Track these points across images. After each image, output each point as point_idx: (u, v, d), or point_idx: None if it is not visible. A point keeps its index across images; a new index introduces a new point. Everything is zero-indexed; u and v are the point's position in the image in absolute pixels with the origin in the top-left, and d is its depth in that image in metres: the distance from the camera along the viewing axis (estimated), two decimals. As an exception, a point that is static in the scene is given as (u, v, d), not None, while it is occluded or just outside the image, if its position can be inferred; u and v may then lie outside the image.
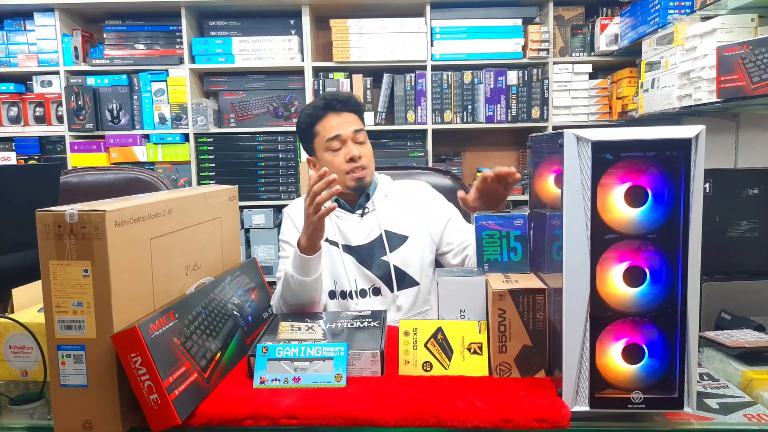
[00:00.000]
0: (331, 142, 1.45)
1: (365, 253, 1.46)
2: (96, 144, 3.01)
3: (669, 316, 0.77)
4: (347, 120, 1.46)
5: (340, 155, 1.44)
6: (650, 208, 0.76)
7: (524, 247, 1.06)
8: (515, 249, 1.06)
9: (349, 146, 1.44)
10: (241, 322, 1.03)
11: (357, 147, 1.45)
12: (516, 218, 1.08)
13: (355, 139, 1.45)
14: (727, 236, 1.52)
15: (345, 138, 1.44)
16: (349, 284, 1.45)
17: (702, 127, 0.74)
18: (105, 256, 0.74)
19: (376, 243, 1.46)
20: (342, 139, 1.44)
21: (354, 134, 1.45)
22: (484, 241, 1.08)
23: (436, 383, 0.89)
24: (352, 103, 1.48)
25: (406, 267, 1.46)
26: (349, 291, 1.45)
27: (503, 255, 1.07)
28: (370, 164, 1.47)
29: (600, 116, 3.04)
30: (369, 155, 1.48)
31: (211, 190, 1.08)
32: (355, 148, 1.44)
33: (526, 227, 1.06)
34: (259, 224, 3.02)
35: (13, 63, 2.98)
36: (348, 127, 1.45)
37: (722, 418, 0.80)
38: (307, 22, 2.95)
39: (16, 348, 0.97)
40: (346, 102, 1.47)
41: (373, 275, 1.45)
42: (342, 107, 1.46)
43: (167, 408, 0.75)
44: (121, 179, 1.85)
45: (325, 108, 1.47)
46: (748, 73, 1.79)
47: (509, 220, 1.08)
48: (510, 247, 1.07)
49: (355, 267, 1.46)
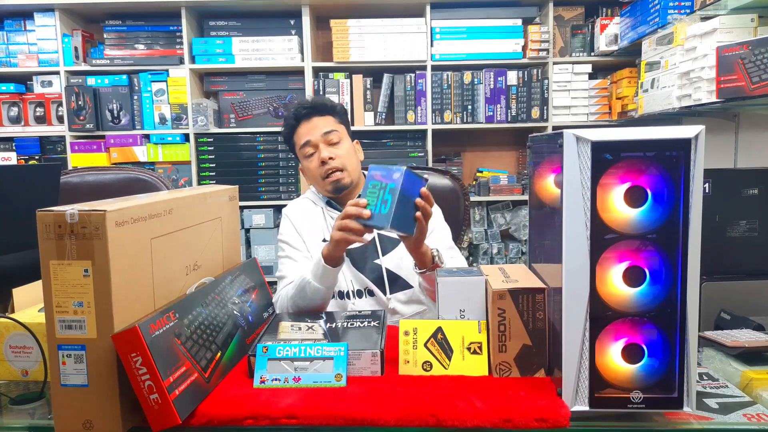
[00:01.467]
0: (304, 149, 1.47)
1: (358, 256, 1.46)
2: (96, 144, 3.01)
3: (668, 315, 0.77)
4: (316, 125, 1.47)
5: (314, 160, 1.46)
6: (650, 208, 0.76)
7: (392, 201, 1.01)
8: (386, 202, 1.03)
9: (320, 149, 1.45)
10: (241, 322, 1.03)
11: (329, 149, 1.45)
12: (395, 171, 1.05)
13: (327, 141, 1.46)
14: (726, 236, 1.52)
15: (315, 142, 1.46)
16: (346, 285, 1.45)
17: (702, 127, 0.75)
18: (105, 256, 0.74)
19: (369, 246, 1.46)
20: (312, 144, 1.46)
21: (324, 137, 1.46)
22: (368, 191, 1.05)
23: (436, 383, 0.89)
24: (319, 107, 1.49)
25: (398, 270, 1.45)
26: (346, 291, 1.45)
27: (377, 206, 1.03)
28: (346, 164, 1.46)
29: (600, 116, 3.04)
30: (344, 155, 1.46)
31: (211, 190, 1.08)
32: (325, 150, 1.44)
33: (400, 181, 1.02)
34: (259, 224, 3.02)
35: (13, 63, 2.98)
36: (317, 132, 1.46)
37: (722, 418, 0.81)
38: (307, 23, 2.95)
39: (17, 348, 0.97)
40: (312, 107, 1.48)
41: (366, 278, 1.45)
42: (310, 113, 1.48)
43: (167, 408, 0.75)
44: (122, 179, 1.85)
45: (295, 118, 1.49)
46: (748, 74, 1.79)
47: (389, 171, 1.05)
48: (383, 199, 1.03)
49: (350, 269, 1.45)
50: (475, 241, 3.09)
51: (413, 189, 1.08)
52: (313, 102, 1.50)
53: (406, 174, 1.05)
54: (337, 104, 1.54)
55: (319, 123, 1.47)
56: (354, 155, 1.51)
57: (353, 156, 1.50)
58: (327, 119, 1.49)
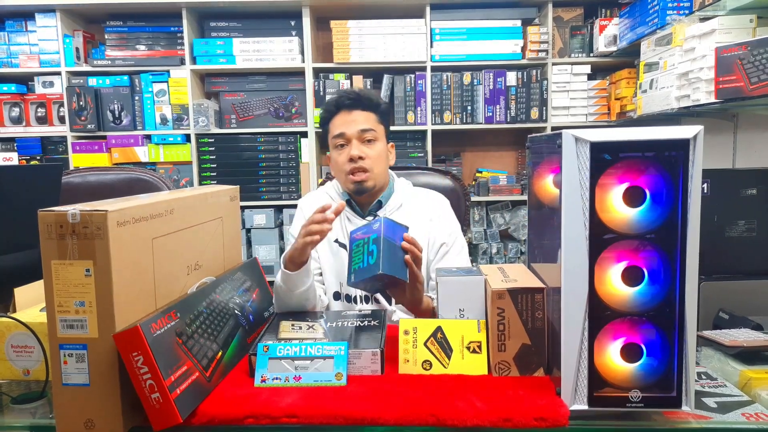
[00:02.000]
0: (336, 139, 1.43)
1: None
2: (98, 144, 3.01)
3: (667, 315, 0.77)
4: (356, 119, 1.42)
5: (344, 154, 1.41)
6: (648, 208, 0.77)
7: (378, 249, 1.06)
8: (372, 252, 1.06)
9: (352, 145, 1.41)
10: (242, 322, 1.03)
11: (361, 147, 1.40)
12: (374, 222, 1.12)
13: (361, 138, 1.41)
14: (725, 236, 1.52)
15: (349, 137, 1.41)
16: (355, 289, 1.42)
17: (700, 128, 0.75)
18: (107, 255, 0.75)
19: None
20: (346, 138, 1.41)
21: (360, 133, 1.41)
22: (353, 252, 1.10)
23: (435, 382, 0.89)
24: (363, 101, 1.43)
25: None
26: (354, 296, 1.43)
27: (364, 260, 1.07)
28: (374, 166, 1.41)
29: (598, 117, 3.05)
30: (375, 157, 1.42)
31: (212, 190, 1.08)
32: (357, 147, 1.40)
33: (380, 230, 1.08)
34: (260, 224, 3.03)
35: (14, 63, 2.99)
36: (354, 126, 1.41)
37: (720, 417, 0.81)
38: (307, 23, 2.96)
39: (18, 347, 0.97)
40: (355, 99, 1.43)
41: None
42: (352, 105, 1.42)
43: (169, 407, 0.75)
44: (123, 179, 1.85)
45: (336, 106, 1.44)
46: (747, 74, 1.79)
47: (369, 226, 1.12)
48: (369, 251, 1.07)
49: None
50: (475, 240, 3.09)
51: (396, 235, 1.12)
52: (359, 94, 1.44)
53: (385, 222, 1.11)
54: (382, 102, 1.49)
55: (358, 117, 1.42)
56: (385, 158, 1.46)
57: (383, 159, 1.45)
58: (368, 116, 1.43)
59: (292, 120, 3.05)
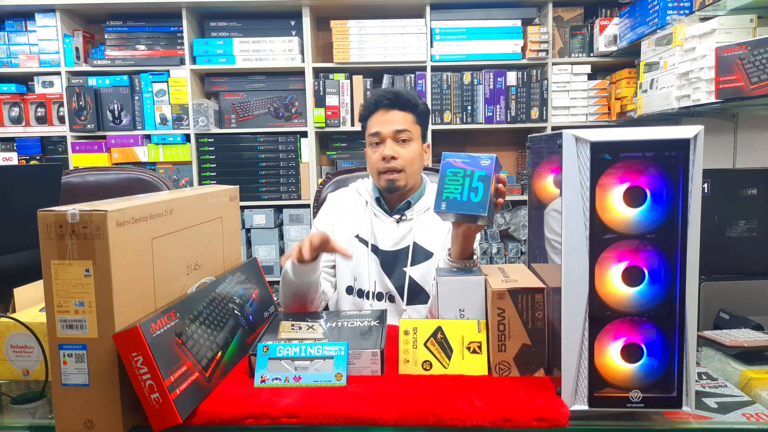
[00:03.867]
0: (372, 137, 1.45)
1: (389, 260, 1.45)
2: (97, 144, 3.01)
3: (667, 315, 0.77)
4: (392, 118, 1.43)
5: (378, 152, 1.44)
6: (649, 208, 0.76)
7: (485, 188, 1.01)
8: (476, 189, 1.01)
9: (386, 145, 1.42)
10: (242, 322, 1.03)
11: (395, 147, 1.42)
12: (483, 158, 1.04)
13: (396, 137, 1.43)
14: (725, 236, 1.52)
15: (384, 136, 1.43)
16: (369, 284, 1.45)
17: (700, 128, 0.75)
18: (106, 255, 0.74)
19: (402, 253, 1.45)
20: (381, 137, 1.43)
21: (395, 133, 1.42)
22: (447, 178, 1.03)
23: (435, 382, 0.89)
24: (401, 101, 1.44)
25: (424, 283, 1.44)
26: (367, 291, 1.45)
27: (464, 194, 1.02)
28: (408, 167, 1.43)
29: (599, 117, 3.05)
30: (409, 157, 1.43)
31: (212, 190, 1.08)
32: (391, 147, 1.42)
33: (491, 168, 1.02)
34: (259, 224, 3.03)
35: (14, 63, 2.99)
36: (390, 126, 1.43)
37: (721, 418, 0.81)
38: (307, 23, 2.95)
39: (18, 347, 0.97)
40: (393, 99, 1.44)
41: (391, 284, 1.45)
42: (390, 105, 1.44)
43: (168, 407, 0.75)
44: (123, 179, 1.85)
45: (375, 104, 1.46)
46: (747, 74, 1.79)
47: (476, 159, 1.04)
48: (472, 186, 1.02)
49: (377, 270, 1.45)
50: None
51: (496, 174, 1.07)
52: (398, 93, 1.45)
53: (495, 161, 1.04)
54: (421, 102, 1.49)
55: (395, 117, 1.44)
56: (419, 159, 1.47)
57: (418, 160, 1.46)
58: (406, 116, 1.45)
59: (292, 120, 3.05)
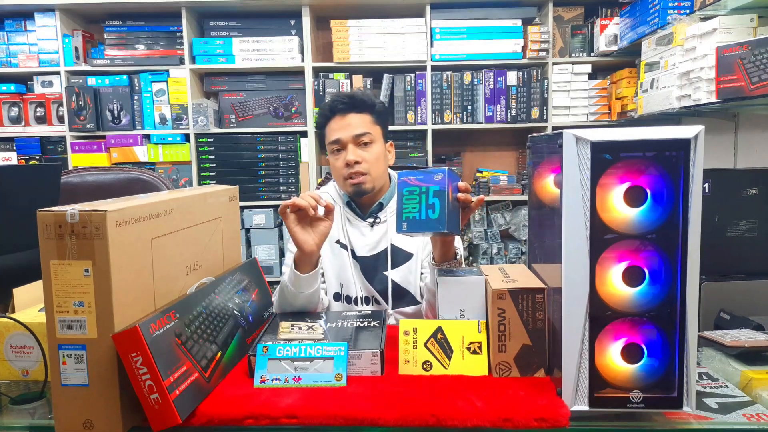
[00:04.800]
0: (332, 145, 1.43)
1: (369, 265, 1.44)
2: (97, 144, 3.01)
3: (668, 315, 0.77)
4: (350, 122, 1.41)
5: (340, 159, 1.41)
6: (649, 208, 0.76)
7: (441, 203, 1.00)
8: (433, 206, 1.01)
9: (348, 150, 1.40)
10: (241, 322, 1.03)
11: (357, 151, 1.40)
12: (435, 173, 1.04)
13: (357, 142, 1.40)
14: (726, 236, 1.52)
15: (345, 142, 1.40)
16: (356, 290, 1.43)
17: (701, 128, 0.75)
18: (106, 256, 0.74)
19: (381, 256, 1.43)
20: (342, 143, 1.41)
21: (355, 138, 1.40)
22: (405, 198, 1.03)
23: (435, 383, 0.89)
24: (357, 103, 1.42)
25: (407, 285, 1.42)
26: (355, 297, 1.43)
27: (422, 212, 1.01)
28: (372, 169, 1.40)
29: (599, 116, 3.05)
30: (372, 159, 1.41)
31: (211, 190, 1.08)
32: (353, 152, 1.39)
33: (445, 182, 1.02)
34: (259, 224, 3.03)
35: (13, 63, 2.98)
36: (349, 131, 1.40)
37: (721, 418, 0.81)
38: (307, 23, 2.95)
39: (17, 348, 0.97)
40: (349, 103, 1.42)
41: (373, 288, 1.43)
42: (346, 109, 1.42)
43: (168, 407, 0.75)
44: (122, 179, 1.85)
45: (331, 110, 1.43)
46: (748, 74, 1.79)
47: (429, 174, 1.04)
48: (428, 203, 1.01)
49: (359, 276, 1.44)
50: (475, 241, 3.09)
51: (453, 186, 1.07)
52: (353, 96, 1.43)
53: (449, 174, 1.04)
54: (377, 102, 1.47)
55: (353, 121, 1.41)
56: (383, 159, 1.45)
57: (381, 160, 1.44)
58: (364, 117, 1.42)
59: (291, 120, 3.05)
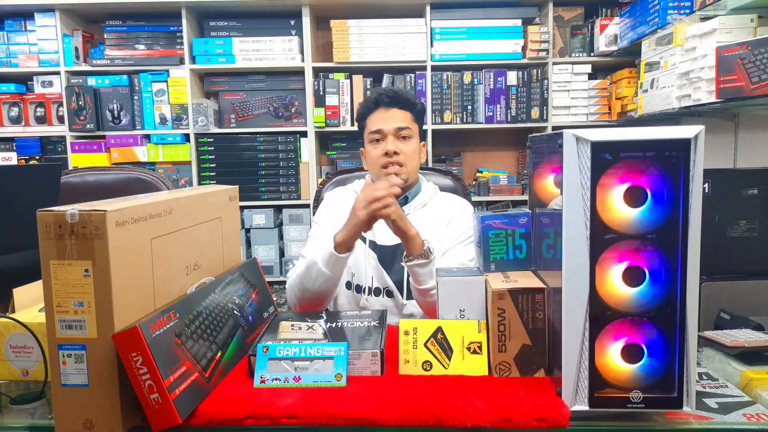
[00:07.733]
0: (373, 134, 1.49)
1: (388, 254, 1.47)
2: (97, 144, 3.01)
3: (668, 315, 0.77)
4: (393, 116, 1.48)
5: (379, 149, 1.48)
6: (649, 208, 0.76)
7: (528, 245, 1.06)
8: (520, 247, 1.06)
9: (388, 141, 1.47)
10: (241, 322, 1.03)
11: (397, 143, 1.47)
12: (520, 216, 1.09)
13: (397, 135, 1.48)
14: (726, 236, 1.52)
15: (386, 133, 1.47)
16: (366, 280, 1.46)
17: (701, 128, 0.75)
18: (106, 256, 0.74)
19: (401, 247, 1.45)
20: (383, 134, 1.48)
21: (396, 131, 1.47)
22: (491, 240, 1.07)
23: (435, 383, 0.89)
24: (401, 100, 1.50)
25: None
26: (364, 287, 1.46)
27: (509, 253, 1.07)
28: (408, 162, 1.48)
29: (599, 116, 3.05)
30: (410, 153, 1.48)
31: (211, 190, 1.08)
32: (393, 143, 1.46)
33: (530, 224, 1.07)
34: (259, 224, 3.03)
35: (13, 63, 2.98)
36: (391, 123, 1.48)
37: (721, 418, 0.81)
38: (307, 23, 2.95)
39: (17, 348, 0.97)
40: (394, 98, 1.49)
41: (389, 278, 1.46)
42: (390, 103, 1.49)
43: (168, 407, 0.75)
44: (122, 179, 1.85)
45: (375, 103, 1.50)
46: (748, 74, 1.79)
47: (514, 218, 1.08)
48: (515, 245, 1.07)
49: (375, 265, 1.47)
50: (475, 241, 3.09)
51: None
52: (398, 92, 1.51)
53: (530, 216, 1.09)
54: (419, 102, 1.55)
55: (396, 115, 1.49)
56: (418, 156, 1.53)
57: (417, 156, 1.52)
58: (405, 114, 1.50)
59: (291, 120, 3.05)
